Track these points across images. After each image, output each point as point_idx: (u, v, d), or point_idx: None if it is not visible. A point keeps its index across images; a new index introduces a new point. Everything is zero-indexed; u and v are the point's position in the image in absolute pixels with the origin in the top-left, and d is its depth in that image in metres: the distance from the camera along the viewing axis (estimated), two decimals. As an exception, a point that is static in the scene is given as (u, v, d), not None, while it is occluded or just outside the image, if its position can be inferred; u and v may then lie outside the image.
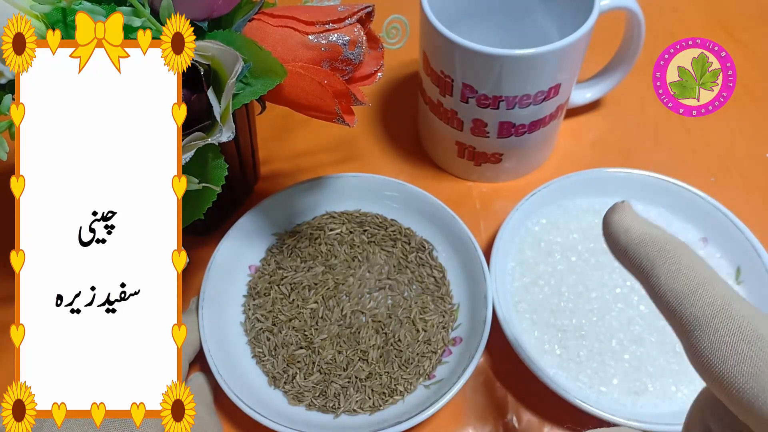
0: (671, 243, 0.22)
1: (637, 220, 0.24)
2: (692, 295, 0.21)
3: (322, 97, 0.31)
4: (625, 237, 0.23)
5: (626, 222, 0.24)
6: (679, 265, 0.21)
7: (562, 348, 0.36)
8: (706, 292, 0.20)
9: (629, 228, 0.23)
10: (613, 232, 0.24)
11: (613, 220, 0.24)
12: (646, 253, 0.22)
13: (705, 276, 0.21)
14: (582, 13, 0.38)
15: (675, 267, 0.21)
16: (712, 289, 0.21)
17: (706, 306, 0.20)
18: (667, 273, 0.21)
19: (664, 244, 0.22)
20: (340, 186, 0.43)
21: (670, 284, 0.21)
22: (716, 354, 0.19)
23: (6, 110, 0.26)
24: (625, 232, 0.23)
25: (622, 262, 0.24)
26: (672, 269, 0.21)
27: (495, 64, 0.36)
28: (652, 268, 0.22)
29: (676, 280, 0.21)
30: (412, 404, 0.34)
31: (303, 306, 0.38)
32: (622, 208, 0.24)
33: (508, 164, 0.44)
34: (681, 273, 0.21)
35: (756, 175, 0.46)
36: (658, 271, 0.22)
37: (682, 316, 0.21)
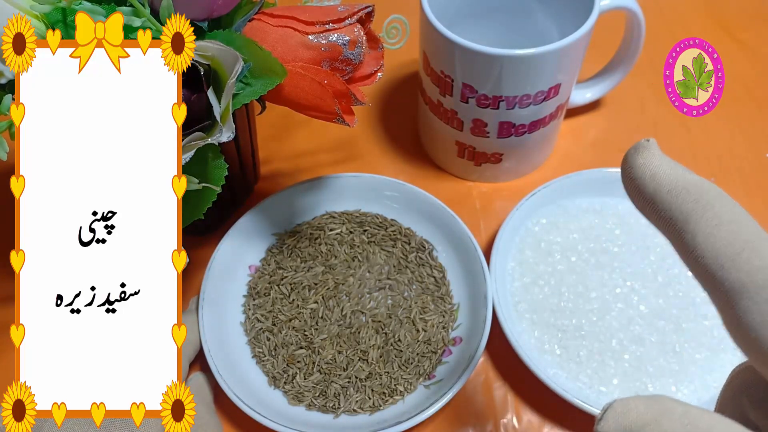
0: (710, 192, 0.19)
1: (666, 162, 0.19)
2: (737, 257, 0.17)
3: (322, 97, 0.31)
4: (652, 184, 0.19)
5: (654, 165, 0.19)
6: (720, 219, 0.18)
7: (562, 348, 0.36)
8: (755, 254, 0.17)
9: (657, 172, 0.19)
10: (637, 177, 0.20)
11: (637, 163, 0.20)
12: (679, 204, 0.18)
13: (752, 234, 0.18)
14: (582, 13, 0.38)
15: (715, 222, 0.18)
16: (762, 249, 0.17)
17: (754, 271, 0.17)
18: (705, 229, 0.18)
19: (701, 194, 0.18)
20: (340, 186, 0.43)
21: (710, 243, 0.18)
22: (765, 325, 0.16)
23: (6, 110, 0.26)
24: (652, 177, 0.19)
25: (647, 215, 0.20)
26: (711, 225, 0.18)
27: (495, 64, 0.36)
28: (687, 222, 0.18)
29: (717, 238, 0.17)
30: (412, 404, 0.34)
31: (303, 306, 0.38)
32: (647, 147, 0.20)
33: (508, 164, 0.44)
34: (723, 229, 0.18)
35: (756, 175, 0.46)
36: (695, 227, 0.18)
37: (724, 282, 0.17)
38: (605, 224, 0.41)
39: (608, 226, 0.41)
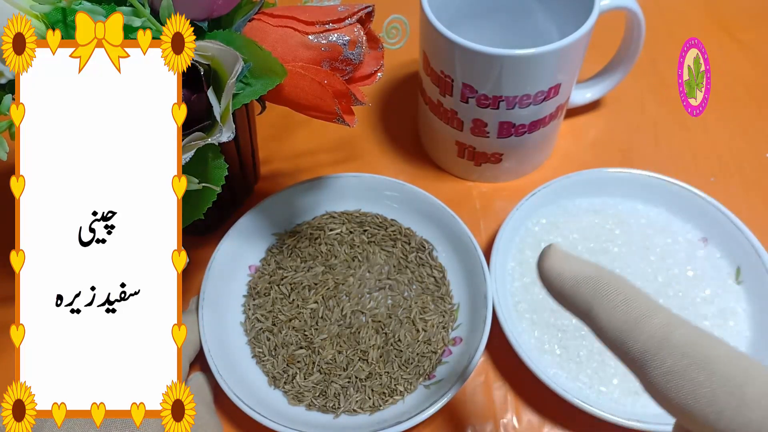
0: (604, 279, 0.22)
1: (567, 261, 0.23)
2: (633, 330, 0.20)
3: (322, 97, 0.31)
4: (558, 281, 0.23)
5: (557, 266, 0.23)
6: (614, 301, 0.21)
7: (562, 348, 0.36)
8: (646, 325, 0.20)
9: (561, 272, 0.23)
10: (546, 278, 0.23)
11: (545, 266, 0.23)
12: (581, 294, 0.22)
13: (643, 308, 0.20)
14: (582, 13, 0.38)
15: (611, 304, 0.21)
16: (651, 320, 0.20)
17: (648, 339, 0.20)
18: (605, 311, 0.21)
19: (597, 283, 0.22)
20: (340, 186, 0.43)
21: (611, 322, 0.21)
22: (670, 385, 0.19)
23: (6, 110, 0.26)
24: (558, 276, 0.23)
25: (564, 307, 0.23)
26: (609, 306, 0.21)
27: (495, 64, 0.36)
28: (590, 308, 0.21)
29: (615, 317, 0.21)
30: (412, 404, 0.34)
31: (303, 306, 0.38)
32: (550, 252, 0.23)
33: (508, 164, 0.44)
34: (618, 309, 0.21)
35: (756, 175, 0.46)
36: (597, 311, 0.21)
37: (628, 353, 0.20)
38: (605, 224, 0.41)
39: (608, 226, 0.41)
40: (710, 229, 0.40)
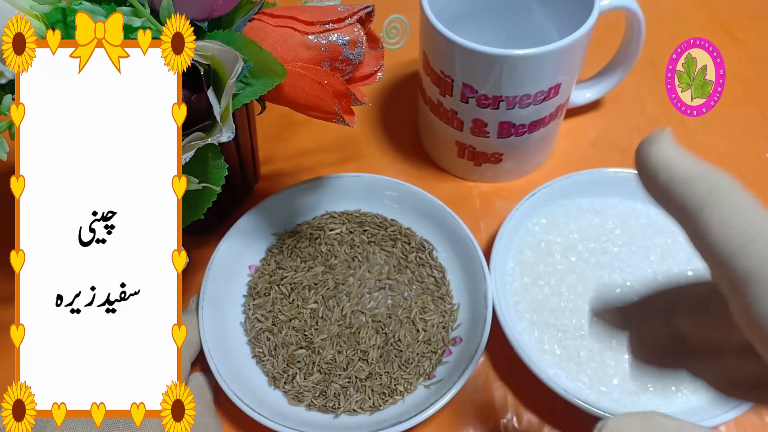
0: (724, 182, 0.19)
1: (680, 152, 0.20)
2: (749, 245, 0.17)
3: (322, 97, 0.31)
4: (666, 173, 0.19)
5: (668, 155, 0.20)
6: (732, 208, 0.18)
7: (562, 348, 0.36)
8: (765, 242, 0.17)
9: (671, 163, 0.19)
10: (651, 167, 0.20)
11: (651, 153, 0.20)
12: (693, 192, 0.19)
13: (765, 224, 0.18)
14: (582, 13, 0.38)
15: (729, 211, 0.18)
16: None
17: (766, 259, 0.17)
18: (718, 217, 0.18)
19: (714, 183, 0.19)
20: (340, 186, 0.43)
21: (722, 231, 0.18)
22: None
23: (6, 110, 0.26)
24: (667, 168, 0.19)
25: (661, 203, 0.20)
26: (725, 213, 0.18)
27: (495, 64, 0.36)
28: (701, 210, 0.18)
29: (730, 227, 0.18)
30: (412, 404, 0.34)
31: (303, 306, 0.38)
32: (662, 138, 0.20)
33: (508, 164, 0.44)
34: (736, 218, 0.18)
35: (756, 175, 0.46)
36: (708, 215, 0.18)
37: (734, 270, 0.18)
38: (605, 224, 0.41)
39: (608, 226, 0.41)
40: (710, 229, 0.40)
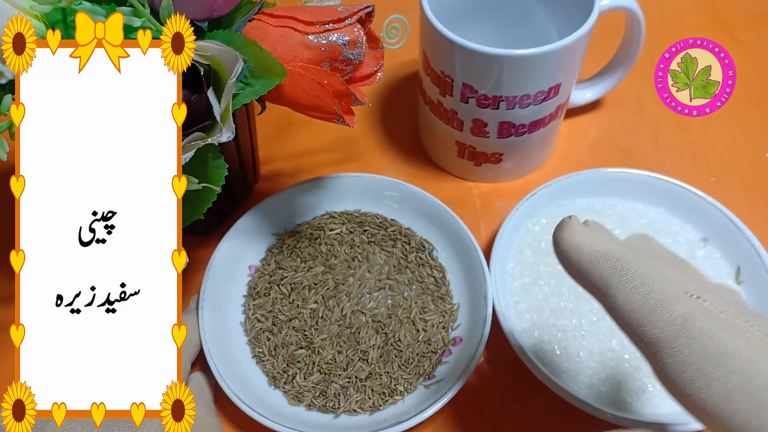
0: (625, 258, 0.21)
1: (587, 234, 0.22)
2: (651, 314, 0.19)
3: (322, 97, 0.31)
4: (576, 255, 0.21)
5: (576, 239, 0.22)
6: (634, 282, 0.20)
7: (562, 348, 0.36)
8: (666, 310, 0.19)
9: (580, 245, 0.21)
10: (563, 251, 0.22)
11: (563, 238, 0.22)
12: (600, 271, 0.21)
13: (664, 291, 0.20)
14: (582, 13, 0.38)
15: (630, 285, 0.20)
16: (672, 306, 0.19)
17: (666, 326, 0.19)
18: (623, 292, 0.20)
19: (617, 261, 0.21)
20: (340, 186, 0.43)
21: (628, 304, 0.20)
22: (684, 376, 0.18)
23: (6, 110, 0.26)
24: (576, 249, 0.22)
25: (577, 281, 0.22)
26: (628, 287, 0.20)
27: (495, 64, 0.36)
28: (608, 287, 0.20)
29: (633, 300, 0.20)
30: (412, 404, 0.34)
31: (303, 306, 0.38)
32: (569, 224, 0.22)
33: (508, 164, 0.44)
34: (637, 291, 0.20)
35: (756, 175, 0.46)
36: (614, 291, 0.20)
37: (643, 338, 0.19)
38: (605, 224, 0.40)
39: (608, 226, 0.41)
40: (710, 229, 0.40)
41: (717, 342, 0.18)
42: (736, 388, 0.17)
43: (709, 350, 0.18)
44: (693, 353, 0.18)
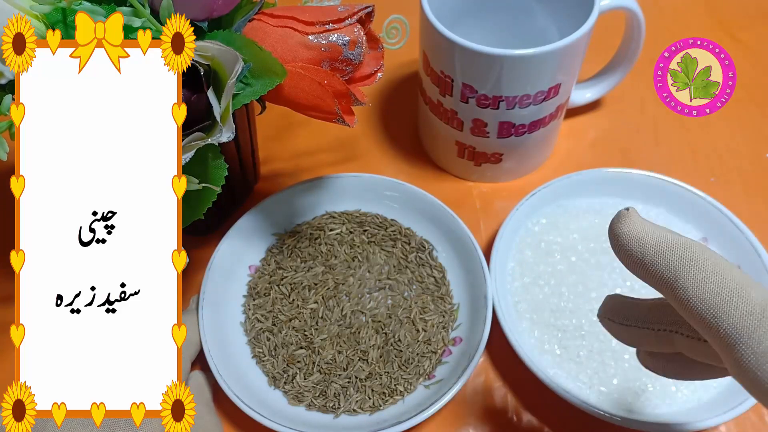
0: (692, 247, 0.20)
1: (648, 226, 0.21)
2: (727, 304, 0.18)
3: (322, 97, 0.31)
4: (638, 247, 0.21)
5: (637, 230, 0.21)
6: (706, 272, 0.19)
7: (562, 348, 0.36)
8: (742, 300, 0.18)
9: (641, 237, 0.21)
10: (624, 244, 0.21)
11: (622, 231, 0.21)
12: (667, 262, 0.20)
13: (737, 280, 0.19)
14: (582, 13, 0.38)
15: (702, 275, 0.19)
16: (748, 295, 0.18)
17: (744, 316, 0.18)
18: (694, 282, 0.19)
19: (684, 250, 0.20)
20: (340, 186, 0.43)
21: (701, 294, 0.19)
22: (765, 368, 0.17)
23: (6, 110, 0.26)
24: (638, 242, 0.21)
25: (640, 275, 0.21)
26: (699, 277, 0.19)
27: (495, 64, 0.36)
28: (677, 278, 0.19)
29: (706, 289, 0.19)
30: (412, 404, 0.34)
31: (303, 306, 0.38)
32: (628, 216, 0.21)
33: (508, 164, 0.44)
34: (710, 280, 0.19)
35: (756, 175, 0.46)
36: (684, 282, 0.19)
37: (719, 329, 0.18)
38: (605, 224, 0.41)
39: (608, 226, 0.41)
40: (710, 229, 0.40)
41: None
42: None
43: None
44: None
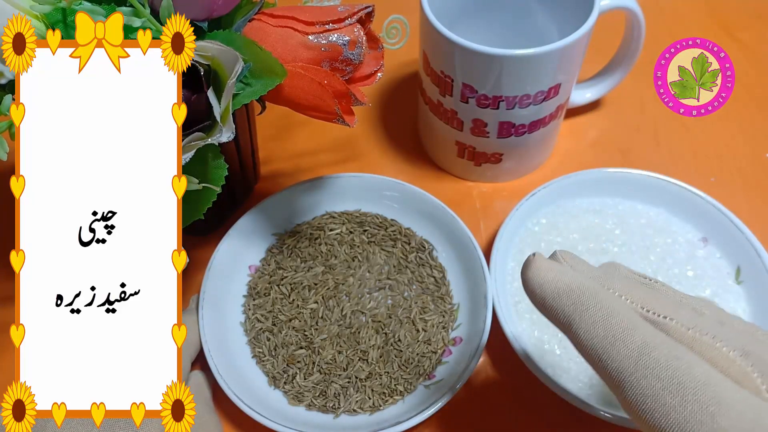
0: (587, 290, 0.21)
1: (551, 270, 0.23)
2: (611, 347, 0.20)
3: (322, 97, 0.31)
4: (540, 293, 0.22)
5: (539, 276, 0.22)
6: (594, 317, 0.21)
7: (562, 348, 0.36)
8: (625, 343, 0.20)
9: (543, 283, 0.22)
10: (529, 289, 0.23)
11: (527, 277, 0.23)
12: (562, 307, 0.22)
13: (623, 324, 0.20)
14: (582, 13, 0.38)
15: (591, 320, 0.21)
16: (630, 338, 0.20)
17: (624, 359, 0.20)
18: (584, 327, 0.21)
19: (579, 295, 0.21)
20: (340, 186, 0.43)
21: (589, 339, 0.21)
22: (644, 407, 0.19)
23: (6, 110, 0.26)
24: (540, 287, 0.22)
25: (547, 318, 0.23)
26: (589, 322, 0.21)
27: (495, 64, 0.36)
28: (570, 323, 0.21)
29: (594, 334, 0.20)
30: (412, 404, 0.34)
31: (303, 306, 0.38)
32: (532, 262, 0.23)
33: (508, 164, 0.44)
34: (597, 325, 0.20)
35: (756, 175, 0.46)
36: (576, 327, 0.21)
37: (606, 371, 0.20)
38: (605, 224, 0.41)
39: (608, 226, 0.41)
40: (710, 229, 0.40)
41: (672, 371, 0.19)
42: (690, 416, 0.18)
43: (664, 380, 0.19)
44: (649, 384, 0.19)
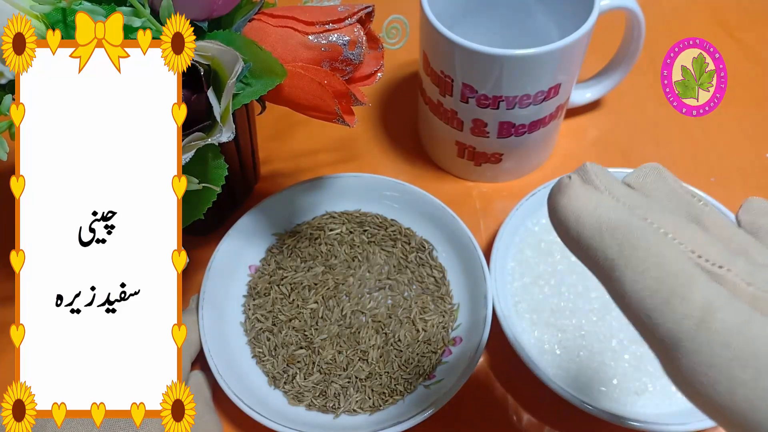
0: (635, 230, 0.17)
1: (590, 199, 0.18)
2: (665, 305, 0.16)
3: (322, 97, 0.31)
4: (575, 227, 0.18)
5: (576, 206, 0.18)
6: (644, 264, 0.16)
7: (562, 348, 0.36)
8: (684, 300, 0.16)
9: (580, 214, 0.18)
10: (560, 220, 0.18)
11: (561, 205, 0.18)
12: (604, 249, 0.17)
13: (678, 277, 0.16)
14: (582, 13, 0.38)
15: (641, 268, 0.16)
16: (690, 294, 0.16)
17: (683, 319, 0.16)
18: (631, 277, 0.16)
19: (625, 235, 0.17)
20: (340, 186, 0.43)
21: (637, 292, 0.16)
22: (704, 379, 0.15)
23: (6, 110, 0.26)
24: (576, 220, 0.18)
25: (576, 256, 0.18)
26: (637, 272, 0.16)
27: (495, 64, 0.36)
28: (612, 269, 0.17)
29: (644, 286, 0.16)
30: (412, 404, 0.34)
31: (303, 306, 0.38)
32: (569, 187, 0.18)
33: (508, 164, 0.44)
34: (648, 276, 0.16)
35: (756, 175, 0.46)
36: (620, 275, 0.17)
37: (654, 332, 0.16)
38: (605, 224, 0.41)
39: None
40: (710, 229, 0.40)
41: (744, 338, 0.15)
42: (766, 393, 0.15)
43: (734, 348, 0.15)
44: (715, 353, 0.15)
